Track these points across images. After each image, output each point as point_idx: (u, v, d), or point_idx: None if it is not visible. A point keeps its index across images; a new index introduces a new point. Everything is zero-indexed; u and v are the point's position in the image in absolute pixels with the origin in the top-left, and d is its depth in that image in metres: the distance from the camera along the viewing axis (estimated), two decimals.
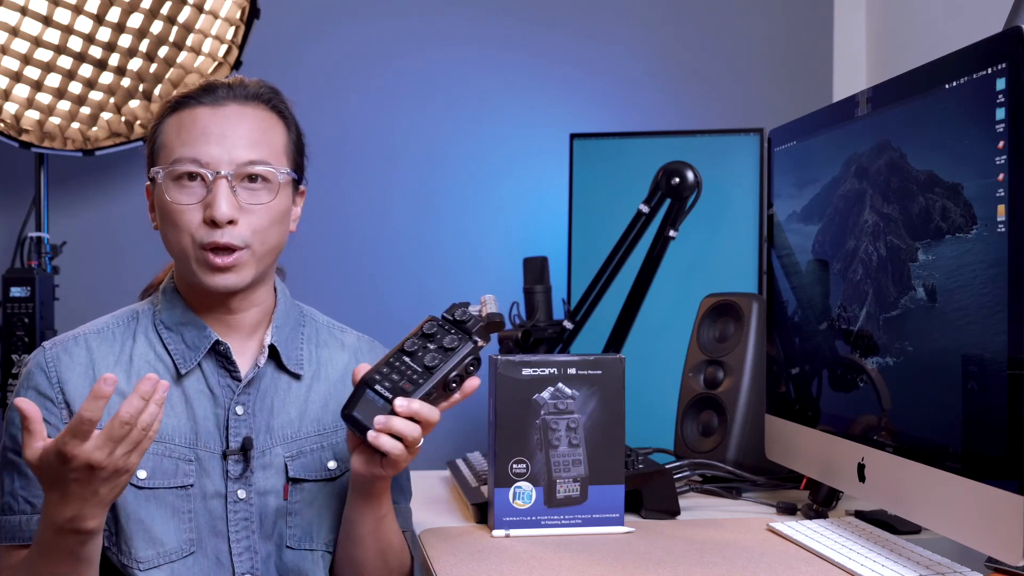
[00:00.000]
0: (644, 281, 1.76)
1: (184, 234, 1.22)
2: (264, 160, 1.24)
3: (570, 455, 1.41)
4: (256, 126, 1.26)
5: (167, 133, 1.25)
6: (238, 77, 1.30)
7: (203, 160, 1.21)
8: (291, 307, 1.36)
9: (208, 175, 1.21)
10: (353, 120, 2.46)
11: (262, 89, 1.29)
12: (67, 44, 2.06)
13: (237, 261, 1.22)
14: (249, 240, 1.23)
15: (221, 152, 1.22)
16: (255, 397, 1.29)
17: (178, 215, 1.22)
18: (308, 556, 1.30)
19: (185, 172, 1.22)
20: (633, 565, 1.26)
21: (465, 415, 2.41)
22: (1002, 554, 1.06)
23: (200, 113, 1.24)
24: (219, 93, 1.26)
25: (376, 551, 1.29)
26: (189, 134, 1.23)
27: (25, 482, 1.21)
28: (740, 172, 2.15)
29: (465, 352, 1.19)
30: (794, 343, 1.54)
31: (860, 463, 1.34)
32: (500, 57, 2.50)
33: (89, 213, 2.35)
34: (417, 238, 2.47)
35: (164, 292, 1.31)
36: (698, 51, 2.56)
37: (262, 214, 1.24)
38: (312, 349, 1.35)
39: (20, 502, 1.21)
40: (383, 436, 1.15)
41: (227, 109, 1.25)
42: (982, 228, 1.09)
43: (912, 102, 1.24)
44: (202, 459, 1.25)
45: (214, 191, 1.21)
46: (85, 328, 1.29)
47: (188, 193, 1.22)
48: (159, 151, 1.25)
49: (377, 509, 1.26)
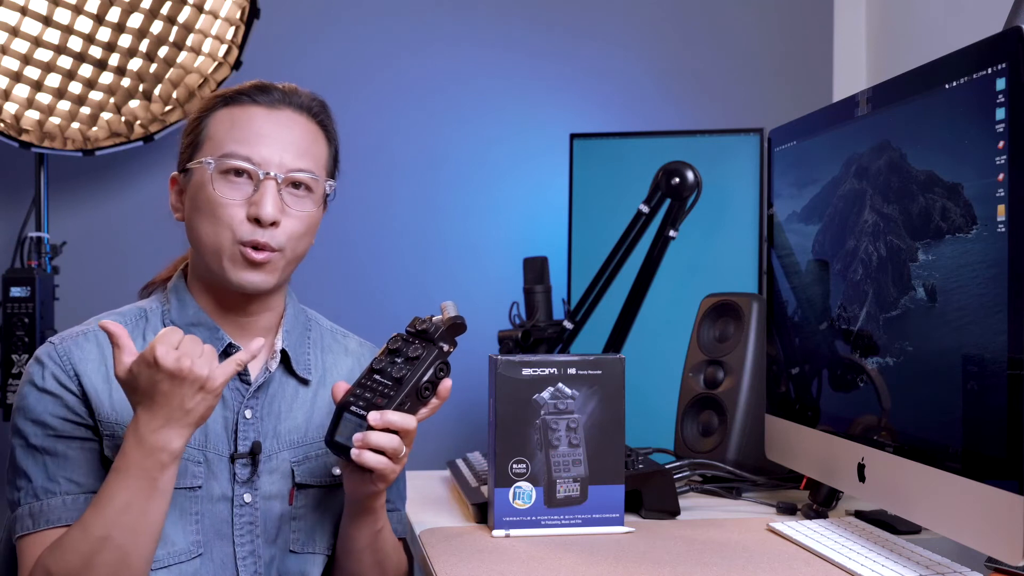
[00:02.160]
0: (644, 281, 1.76)
1: (224, 228, 1.22)
2: (311, 169, 1.26)
3: (570, 455, 1.41)
4: (306, 135, 1.27)
5: (217, 126, 1.25)
6: (292, 85, 1.31)
7: (255, 159, 1.22)
8: (298, 312, 1.36)
9: (259, 174, 1.22)
10: (353, 120, 2.46)
11: (314, 102, 1.31)
12: (67, 44, 2.06)
13: (270, 260, 1.23)
14: (284, 244, 1.24)
15: (272, 154, 1.23)
16: (264, 401, 1.29)
17: (221, 208, 1.22)
18: (310, 559, 1.30)
19: (235, 167, 1.22)
20: (633, 565, 1.26)
21: (465, 415, 2.41)
22: (1002, 554, 1.06)
23: (255, 113, 1.25)
24: (274, 96, 1.27)
25: (373, 563, 1.30)
26: (243, 131, 1.24)
27: (63, 462, 1.18)
28: (740, 172, 2.15)
29: (431, 358, 1.22)
30: (794, 343, 1.54)
31: (860, 463, 1.34)
32: (500, 57, 2.50)
33: (89, 213, 2.35)
34: (417, 238, 2.47)
35: (174, 290, 1.30)
36: (698, 51, 2.56)
37: (301, 221, 1.25)
38: (318, 354, 1.36)
39: (62, 482, 1.18)
40: (365, 453, 1.16)
41: (282, 114, 1.26)
42: (982, 228, 1.09)
43: (912, 102, 1.24)
44: (211, 461, 1.24)
45: (262, 190, 1.22)
46: (91, 325, 1.26)
47: (235, 189, 1.22)
48: (204, 142, 1.25)
49: (374, 524, 1.27)
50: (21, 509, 1.18)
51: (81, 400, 1.20)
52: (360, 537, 1.27)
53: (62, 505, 1.18)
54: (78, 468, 1.19)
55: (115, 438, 1.20)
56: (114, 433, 1.20)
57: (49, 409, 1.19)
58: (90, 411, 1.20)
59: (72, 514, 1.17)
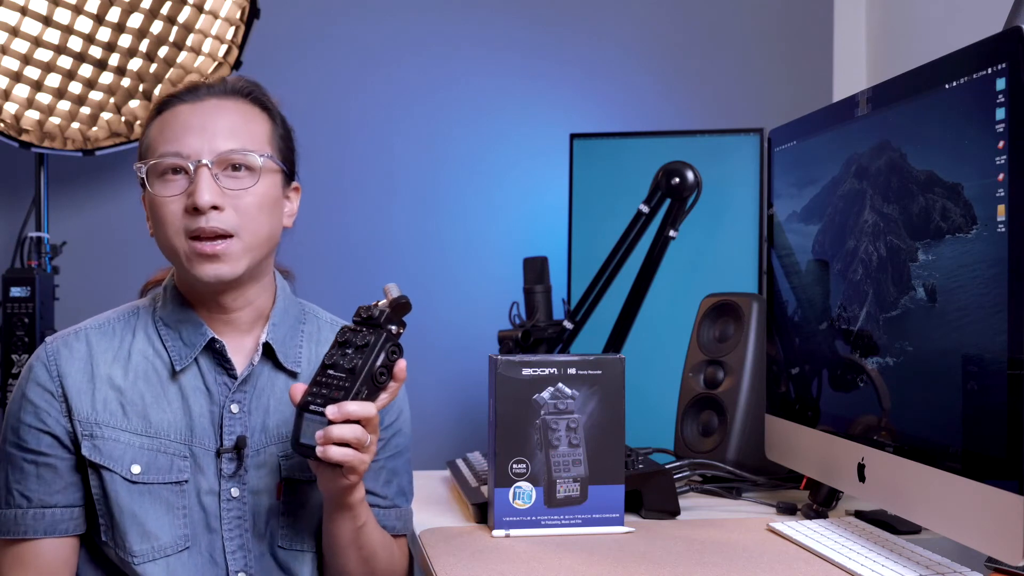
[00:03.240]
0: (644, 281, 1.76)
1: (170, 227, 1.22)
2: (244, 147, 1.24)
3: (570, 455, 1.41)
4: (237, 117, 1.26)
5: (151, 135, 1.26)
6: (221, 76, 1.31)
7: (184, 152, 1.22)
8: (291, 304, 1.36)
9: (190, 166, 1.21)
10: (353, 120, 2.46)
11: (241, 83, 1.30)
12: (67, 44, 2.05)
13: (226, 250, 1.22)
14: (236, 227, 1.22)
15: (201, 143, 1.22)
16: (251, 395, 1.29)
17: (163, 208, 1.22)
18: (299, 556, 1.30)
19: (169, 166, 1.22)
20: (633, 565, 1.26)
21: (465, 415, 2.41)
22: (1002, 554, 1.06)
23: (180, 110, 1.25)
24: (200, 91, 1.27)
25: (359, 559, 1.29)
26: (171, 130, 1.24)
27: (20, 476, 1.23)
28: (740, 172, 2.15)
29: (381, 343, 1.20)
30: (794, 343, 1.54)
31: (860, 463, 1.34)
32: (500, 57, 2.50)
33: (89, 213, 2.35)
34: (417, 238, 2.47)
35: (166, 290, 1.31)
36: (698, 51, 2.56)
37: (247, 200, 1.23)
38: (312, 347, 1.35)
39: (16, 496, 1.22)
40: (330, 448, 1.15)
41: (207, 104, 1.26)
42: (982, 228, 1.09)
43: (912, 102, 1.24)
44: (197, 456, 1.25)
45: (196, 180, 1.21)
46: (87, 323, 1.30)
47: (172, 186, 1.22)
48: (146, 153, 1.26)
49: (355, 520, 1.26)
50: None
51: (61, 402, 1.23)
52: (341, 534, 1.27)
53: (13, 519, 1.22)
54: (43, 483, 1.23)
55: (94, 438, 1.22)
56: (93, 433, 1.22)
57: (24, 419, 1.24)
58: (69, 414, 1.23)
59: (22, 529, 1.22)
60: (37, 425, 1.23)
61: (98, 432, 1.22)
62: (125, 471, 1.22)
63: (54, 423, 1.23)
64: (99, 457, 1.22)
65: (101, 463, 1.22)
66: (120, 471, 1.22)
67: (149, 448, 1.23)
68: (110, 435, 1.22)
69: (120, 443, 1.22)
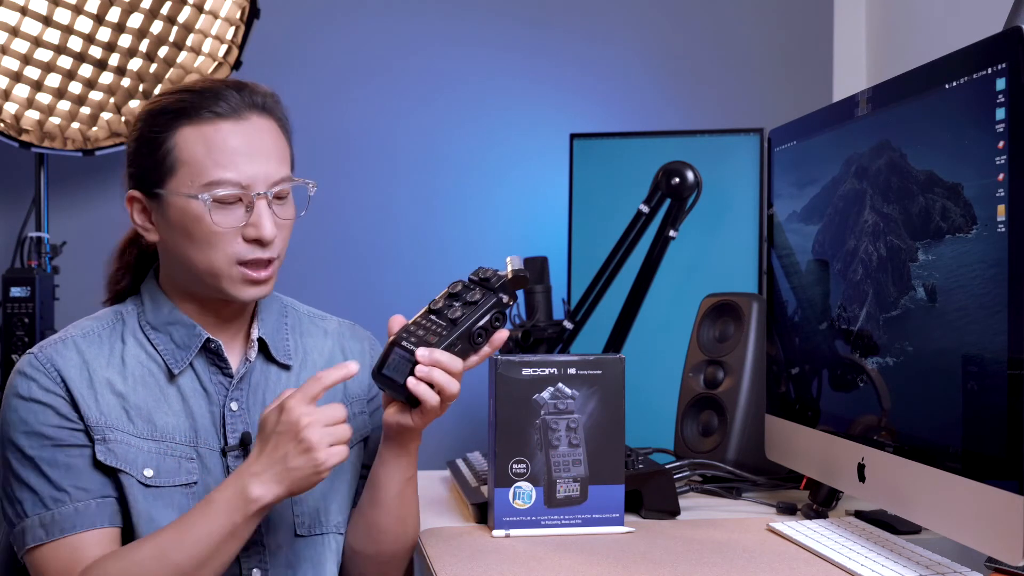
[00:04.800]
0: (644, 281, 1.76)
1: (219, 252, 1.22)
2: (288, 176, 1.26)
3: (570, 455, 1.41)
4: (276, 140, 1.26)
5: (189, 149, 1.21)
6: (238, 81, 1.29)
7: (243, 182, 1.21)
8: (272, 299, 1.36)
9: (252, 197, 1.22)
10: (353, 120, 2.46)
11: (269, 99, 1.27)
12: (67, 44, 2.05)
13: (271, 274, 1.25)
14: (280, 252, 1.26)
15: (256, 170, 1.22)
16: (248, 392, 1.29)
17: (218, 236, 1.21)
18: (319, 541, 1.30)
19: (231, 197, 1.21)
20: (633, 565, 1.26)
21: (465, 415, 2.41)
22: (1002, 554, 1.06)
23: (225, 129, 1.21)
24: (232, 102, 1.23)
25: (397, 517, 1.30)
26: (221, 154, 1.21)
27: (66, 471, 1.19)
28: (740, 172, 2.14)
29: (489, 305, 1.23)
30: (794, 343, 1.54)
31: (860, 463, 1.34)
32: (500, 57, 2.50)
33: (89, 213, 2.35)
34: (417, 238, 2.47)
35: (147, 292, 1.31)
36: (698, 51, 2.56)
37: (289, 226, 1.27)
38: (297, 338, 1.36)
39: (72, 491, 1.19)
40: (421, 384, 1.18)
41: (249, 124, 1.23)
42: (982, 228, 1.09)
43: (912, 102, 1.24)
44: (203, 457, 1.25)
45: (257, 211, 1.21)
46: (69, 332, 1.27)
47: (230, 215, 1.21)
48: (179, 167, 1.22)
49: (406, 469, 1.28)
50: (29, 520, 1.19)
51: (71, 404, 1.21)
52: (389, 484, 1.28)
53: (75, 512, 1.18)
54: (82, 475, 1.20)
55: (107, 441, 1.21)
56: (105, 437, 1.21)
57: (41, 419, 1.20)
58: (80, 415, 1.21)
59: (87, 520, 1.18)
60: (60, 423, 1.20)
61: (110, 435, 1.21)
62: (139, 474, 1.21)
63: (75, 417, 1.20)
64: (114, 460, 1.20)
65: (117, 466, 1.20)
66: (135, 474, 1.21)
67: (157, 452, 1.23)
68: (121, 439, 1.21)
69: (131, 447, 1.21)
